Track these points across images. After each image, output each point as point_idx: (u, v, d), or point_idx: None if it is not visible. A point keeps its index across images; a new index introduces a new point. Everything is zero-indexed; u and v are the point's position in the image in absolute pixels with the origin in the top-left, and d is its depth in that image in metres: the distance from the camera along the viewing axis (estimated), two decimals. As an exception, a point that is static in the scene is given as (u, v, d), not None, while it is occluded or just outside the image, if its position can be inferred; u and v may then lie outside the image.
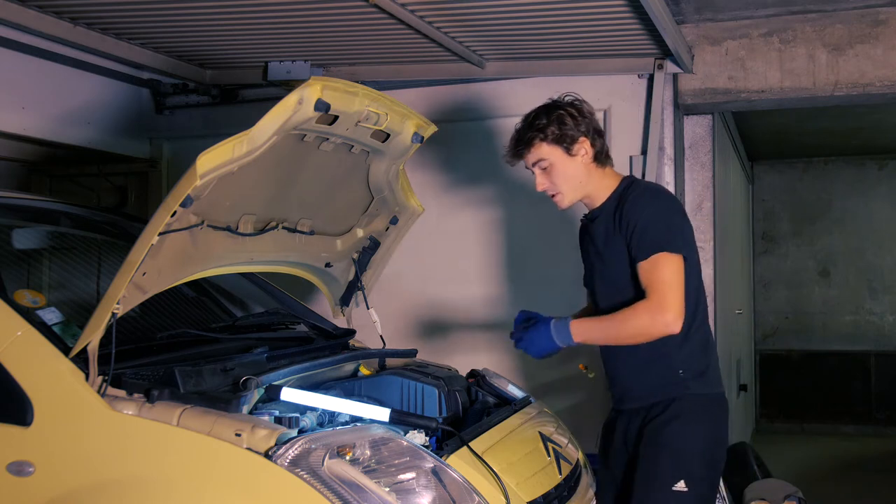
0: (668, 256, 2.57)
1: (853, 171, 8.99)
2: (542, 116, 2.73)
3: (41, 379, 2.40)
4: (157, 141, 5.56)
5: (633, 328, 2.59)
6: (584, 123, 2.73)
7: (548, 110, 2.74)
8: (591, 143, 2.74)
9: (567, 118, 2.71)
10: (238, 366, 2.76)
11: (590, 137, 2.73)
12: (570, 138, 2.71)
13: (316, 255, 3.35)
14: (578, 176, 2.75)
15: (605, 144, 2.79)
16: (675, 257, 2.57)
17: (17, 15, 3.79)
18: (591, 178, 2.77)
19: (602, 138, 2.78)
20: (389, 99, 2.83)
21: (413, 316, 4.96)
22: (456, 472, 2.33)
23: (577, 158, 2.73)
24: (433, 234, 4.93)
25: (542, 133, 2.71)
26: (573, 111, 2.73)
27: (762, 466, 5.24)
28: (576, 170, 2.74)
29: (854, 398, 8.77)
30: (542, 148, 2.73)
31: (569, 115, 2.71)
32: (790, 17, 4.46)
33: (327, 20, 3.96)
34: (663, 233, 2.59)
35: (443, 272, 4.96)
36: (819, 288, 9.08)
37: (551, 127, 2.71)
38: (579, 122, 2.72)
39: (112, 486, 2.30)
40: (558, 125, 2.70)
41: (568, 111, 2.72)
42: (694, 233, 2.78)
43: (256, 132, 2.39)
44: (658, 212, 2.63)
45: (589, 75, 4.63)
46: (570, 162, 2.73)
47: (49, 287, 3.70)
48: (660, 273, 2.56)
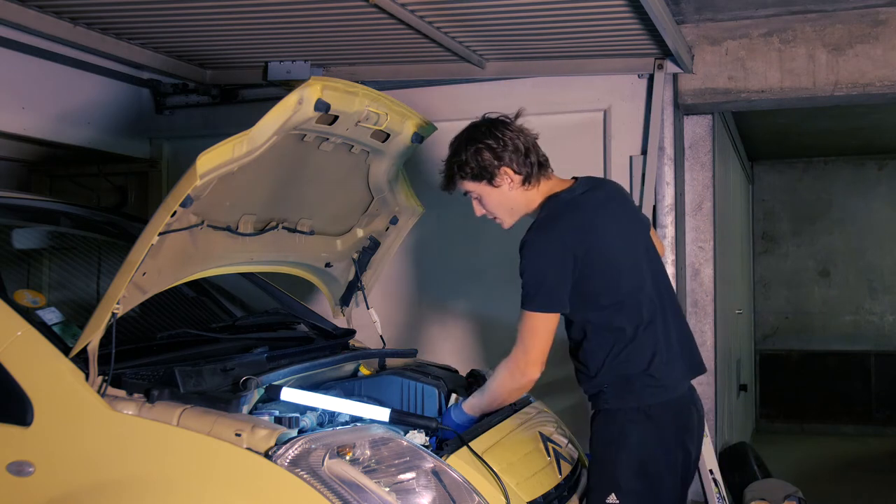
0: (533, 315, 2.57)
1: (853, 171, 8.98)
2: (461, 152, 2.67)
3: (41, 379, 2.40)
4: (157, 141, 5.56)
5: (502, 387, 2.69)
6: (506, 151, 2.64)
7: (467, 143, 2.66)
8: (516, 170, 2.66)
9: (485, 151, 2.63)
10: (238, 366, 2.76)
11: (513, 165, 2.65)
12: (489, 173, 2.65)
13: (316, 255, 3.35)
14: (510, 202, 2.72)
15: (533, 163, 2.68)
16: (541, 316, 2.57)
17: (17, 15, 3.79)
18: (524, 199, 2.72)
19: (529, 158, 2.67)
20: (389, 99, 2.83)
21: (413, 316, 4.96)
22: (456, 472, 2.33)
23: (503, 188, 2.68)
24: (433, 234, 4.93)
25: (462, 171, 2.68)
26: (491, 142, 2.64)
27: (762, 466, 5.25)
28: (506, 197, 2.71)
29: (854, 398, 8.76)
30: (465, 184, 2.71)
31: (486, 149, 2.63)
32: (790, 17, 4.46)
33: (327, 20, 3.96)
34: (535, 289, 2.56)
35: (443, 272, 4.96)
36: (819, 288, 9.08)
37: (470, 164, 2.65)
38: (499, 152, 2.64)
39: (112, 486, 2.30)
40: (476, 161, 2.64)
41: (486, 143, 2.64)
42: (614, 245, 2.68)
43: (256, 132, 2.39)
44: (531, 263, 2.58)
45: (589, 75, 4.63)
46: (497, 192, 2.70)
47: (49, 287, 3.70)
48: (525, 324, 2.59)
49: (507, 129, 2.68)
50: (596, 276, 2.61)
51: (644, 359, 2.65)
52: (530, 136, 2.71)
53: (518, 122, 2.72)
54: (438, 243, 4.98)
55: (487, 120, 2.71)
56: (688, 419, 2.74)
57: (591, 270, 2.59)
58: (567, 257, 2.57)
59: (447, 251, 4.99)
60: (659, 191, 4.58)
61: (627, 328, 2.65)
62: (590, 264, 2.59)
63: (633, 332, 2.65)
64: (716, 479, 4.74)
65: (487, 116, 2.73)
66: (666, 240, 4.60)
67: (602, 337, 2.64)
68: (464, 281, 4.90)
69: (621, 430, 2.63)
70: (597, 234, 2.64)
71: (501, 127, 2.68)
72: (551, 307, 2.57)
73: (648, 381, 2.64)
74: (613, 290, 2.65)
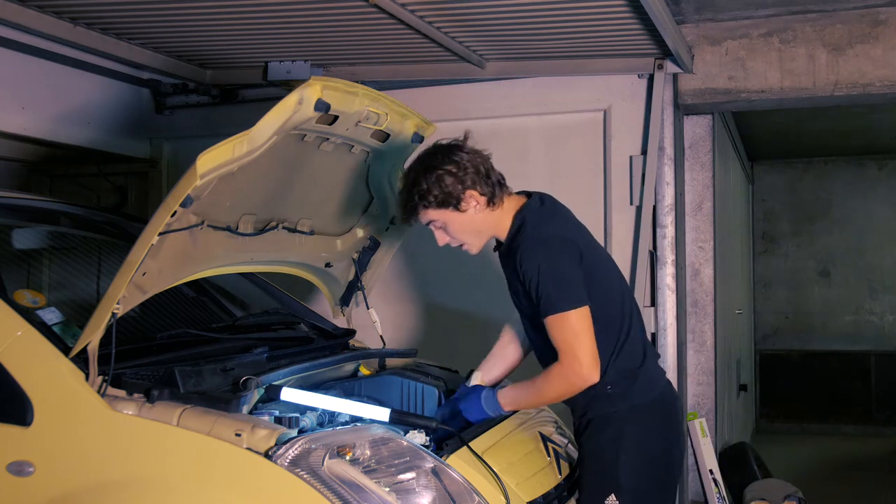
0: (566, 315, 2.51)
1: (853, 171, 8.98)
2: (421, 181, 2.58)
3: (41, 379, 2.40)
4: (157, 141, 5.56)
5: (555, 392, 2.60)
6: (468, 175, 2.58)
7: (426, 171, 2.58)
8: (481, 191, 2.60)
9: (446, 177, 2.56)
10: (238, 366, 2.76)
11: (477, 187, 2.59)
12: (455, 198, 2.58)
13: (316, 255, 3.35)
14: (477, 225, 2.66)
15: (494, 183, 2.63)
16: (573, 312, 2.51)
17: (17, 15, 3.79)
18: (490, 220, 2.66)
19: (490, 178, 2.62)
20: (389, 99, 2.83)
21: (413, 316, 4.96)
22: (456, 472, 2.33)
23: (469, 212, 2.62)
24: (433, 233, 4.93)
25: (425, 200, 2.59)
26: (451, 167, 2.57)
27: (762, 466, 5.25)
28: (472, 221, 2.64)
29: (854, 398, 8.76)
30: (429, 213, 2.63)
31: (447, 174, 2.56)
32: (790, 17, 4.46)
33: (327, 20, 3.96)
34: (556, 289, 2.50)
35: (443, 272, 4.96)
36: (819, 288, 9.08)
37: (433, 192, 2.57)
38: (461, 176, 2.57)
39: (112, 486, 2.30)
40: (439, 187, 2.57)
41: (446, 169, 2.57)
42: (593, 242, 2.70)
43: (256, 132, 2.39)
44: (545, 266, 2.51)
45: (589, 75, 4.63)
46: (464, 217, 2.62)
47: (49, 287, 3.70)
48: (563, 330, 2.51)
49: (463, 151, 2.62)
50: (596, 270, 2.63)
51: (639, 354, 2.69)
52: (486, 157, 2.67)
53: (469, 144, 2.66)
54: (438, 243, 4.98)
55: (439, 146, 2.65)
56: (675, 411, 2.79)
57: (593, 264, 2.61)
58: (574, 252, 2.57)
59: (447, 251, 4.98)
60: (659, 191, 4.58)
61: (624, 323, 2.68)
62: (589, 259, 2.61)
63: (628, 326, 2.69)
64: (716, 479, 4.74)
65: (437, 143, 2.66)
66: (666, 240, 4.60)
67: (607, 335, 2.63)
68: (464, 281, 4.89)
69: (618, 432, 2.63)
70: (581, 232, 2.69)
71: (457, 151, 2.61)
72: (581, 301, 2.52)
73: (643, 378, 2.67)
74: (612, 284, 2.68)
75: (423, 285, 4.98)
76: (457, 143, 2.65)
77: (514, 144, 4.75)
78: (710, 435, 4.87)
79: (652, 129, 4.52)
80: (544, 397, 2.66)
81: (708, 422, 4.89)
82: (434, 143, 2.68)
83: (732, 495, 4.88)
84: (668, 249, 4.59)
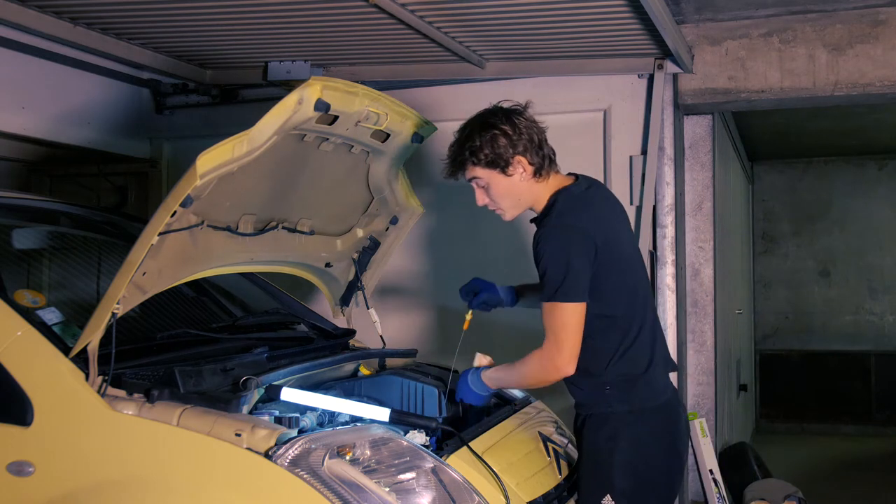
0: (562, 306, 2.50)
1: (853, 171, 8.98)
2: (475, 136, 2.58)
3: (41, 379, 2.40)
4: (157, 141, 5.56)
5: (531, 376, 2.63)
6: (521, 140, 2.58)
7: (482, 128, 2.58)
8: (529, 161, 2.60)
9: (501, 138, 2.56)
10: (238, 366, 2.76)
11: (527, 154, 2.59)
12: (504, 161, 2.58)
13: (316, 255, 3.35)
14: (518, 193, 2.65)
15: (545, 155, 2.63)
16: (568, 305, 2.51)
17: (17, 15, 3.79)
18: (532, 191, 2.66)
19: (542, 150, 2.62)
20: (389, 99, 2.83)
21: (413, 316, 4.96)
22: (456, 472, 2.33)
23: (514, 177, 2.61)
24: (433, 233, 4.93)
25: (475, 157, 2.59)
26: (507, 128, 2.57)
27: (762, 466, 5.25)
28: (515, 188, 2.63)
29: (854, 398, 8.76)
30: (475, 171, 2.62)
31: (502, 135, 2.56)
32: (790, 17, 4.46)
33: (327, 20, 3.96)
34: (560, 280, 2.49)
35: (443, 272, 4.96)
36: (819, 288, 9.08)
37: (484, 150, 2.57)
38: (515, 140, 2.57)
39: (112, 486, 2.30)
40: (491, 147, 2.56)
41: (502, 129, 2.57)
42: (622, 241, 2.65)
43: (256, 132, 2.39)
44: (557, 253, 2.51)
45: (589, 75, 4.63)
46: (508, 181, 2.62)
47: (49, 287, 3.70)
48: (554, 319, 2.52)
49: (522, 117, 2.63)
50: (613, 269, 2.59)
51: (644, 361, 2.65)
52: (542, 129, 2.67)
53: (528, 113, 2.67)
54: (438, 243, 4.98)
55: (500, 107, 2.65)
56: (677, 421, 2.74)
57: (609, 263, 2.57)
58: (589, 247, 2.53)
59: (447, 251, 4.99)
60: (659, 191, 4.58)
61: (633, 327, 2.64)
62: (608, 257, 2.56)
63: (637, 331, 2.65)
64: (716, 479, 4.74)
65: (499, 104, 2.66)
66: (666, 240, 4.60)
67: (610, 335, 2.62)
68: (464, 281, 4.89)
69: (615, 433, 2.62)
70: (610, 228, 2.63)
71: (517, 115, 2.62)
72: (579, 297, 2.51)
73: (644, 385, 2.64)
74: (625, 287, 2.64)
75: (423, 285, 4.98)
76: (518, 108, 2.65)
77: (514, 144, 4.75)
78: (710, 435, 4.87)
79: (652, 129, 4.52)
80: (522, 380, 2.70)
81: (708, 422, 4.89)
82: (495, 104, 2.67)
83: (732, 495, 4.88)
84: (668, 249, 4.59)
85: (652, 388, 2.66)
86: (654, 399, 2.66)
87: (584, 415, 2.72)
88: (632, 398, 2.63)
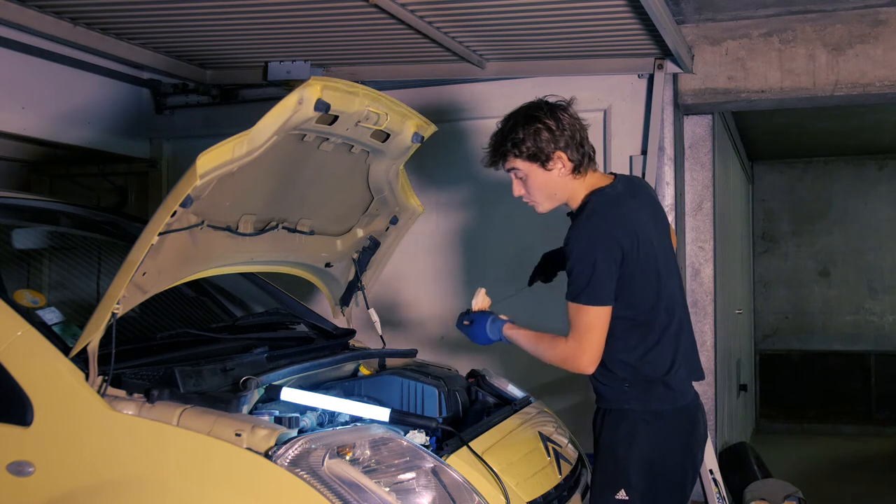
0: (586, 308, 2.54)
1: (853, 171, 8.98)
2: (519, 129, 2.61)
3: (41, 379, 2.40)
4: (157, 141, 5.56)
5: (552, 358, 2.67)
6: (563, 136, 2.60)
7: (526, 121, 2.61)
8: (569, 157, 2.62)
9: (544, 132, 2.59)
10: (238, 366, 2.76)
11: (568, 151, 2.61)
12: (545, 155, 2.60)
13: (316, 255, 3.35)
14: (555, 188, 2.67)
15: (585, 153, 2.65)
16: (594, 309, 2.54)
17: (17, 15, 3.79)
18: (568, 187, 2.68)
19: (583, 147, 2.64)
20: (389, 99, 2.83)
21: (413, 316, 4.96)
22: (456, 472, 2.33)
23: (553, 172, 2.64)
24: (433, 233, 4.93)
25: (517, 149, 2.62)
26: (551, 123, 2.60)
27: (762, 466, 5.24)
28: (552, 182, 2.66)
29: (854, 398, 8.76)
30: (516, 162, 2.66)
31: (546, 129, 2.59)
32: (790, 17, 4.46)
33: (327, 20, 3.96)
34: (586, 282, 2.52)
35: (443, 272, 4.96)
36: (819, 288, 9.08)
37: (527, 143, 2.60)
38: (557, 135, 2.60)
39: (112, 486, 2.30)
40: (534, 140, 2.59)
41: (546, 124, 2.59)
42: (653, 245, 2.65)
43: (256, 132, 2.39)
44: (585, 255, 2.53)
45: (589, 75, 4.63)
46: (547, 175, 2.64)
47: (49, 287, 3.70)
48: (579, 320, 2.55)
49: (566, 112, 2.65)
50: (638, 273, 2.59)
51: (664, 365, 2.65)
52: (584, 126, 2.69)
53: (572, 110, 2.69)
54: (439, 243, 4.98)
55: (545, 101, 2.67)
56: (695, 425, 2.75)
57: (634, 267, 2.57)
58: (616, 251, 2.54)
59: (447, 251, 4.99)
60: (659, 191, 4.58)
61: (655, 331, 2.64)
62: (634, 261, 2.57)
63: (658, 336, 2.64)
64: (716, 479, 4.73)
65: (544, 98, 2.69)
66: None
67: (630, 336, 2.62)
68: (464, 281, 4.90)
69: (633, 429, 2.63)
70: (642, 232, 2.63)
71: (561, 111, 2.64)
72: (603, 300, 2.54)
73: (664, 388, 2.65)
74: (650, 291, 2.63)
75: (423, 285, 4.98)
76: (562, 104, 2.67)
77: (514, 144, 4.75)
78: (710, 435, 4.87)
79: (652, 129, 4.52)
80: (541, 355, 2.71)
81: (708, 422, 4.88)
82: (540, 98, 2.69)
83: (732, 495, 4.88)
84: (668, 249, 4.59)
85: (671, 392, 2.66)
86: (673, 402, 2.66)
87: (603, 409, 2.72)
88: (650, 398, 2.64)
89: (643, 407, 2.63)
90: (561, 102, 2.68)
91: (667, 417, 2.64)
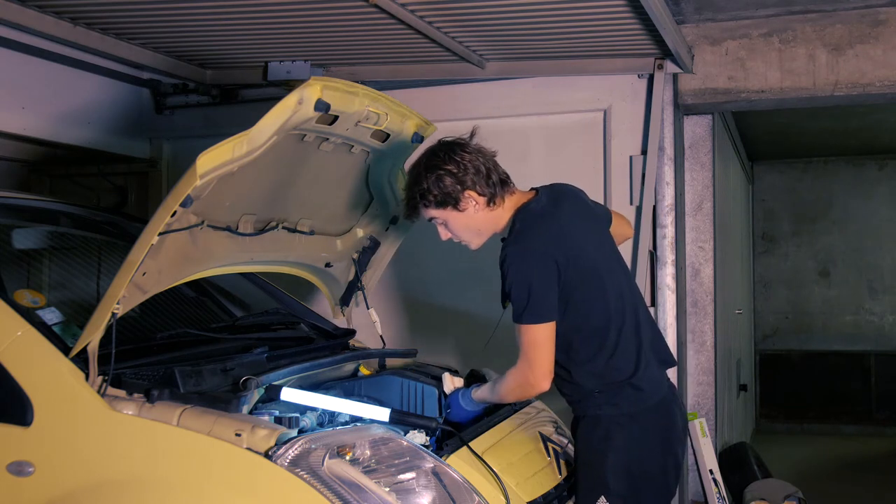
0: (528, 327, 2.54)
1: (853, 171, 8.98)
2: (422, 180, 2.63)
3: (41, 379, 2.40)
4: (157, 141, 5.56)
5: (511, 394, 2.70)
6: (468, 175, 2.61)
7: (427, 170, 2.62)
8: (480, 192, 2.63)
9: (446, 178, 2.60)
10: (238, 366, 2.76)
11: (476, 188, 2.62)
12: (454, 199, 2.62)
13: (316, 255, 3.35)
14: (477, 225, 2.69)
15: (495, 183, 2.65)
16: (536, 327, 2.54)
17: (17, 15, 3.79)
18: (490, 219, 2.69)
19: (491, 178, 2.64)
20: (389, 99, 2.83)
21: (413, 316, 4.96)
22: (456, 472, 2.33)
23: (468, 211, 2.65)
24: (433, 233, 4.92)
25: (425, 199, 2.64)
26: (451, 167, 2.60)
27: (762, 466, 5.24)
28: (472, 220, 2.68)
29: (854, 398, 8.76)
30: (429, 211, 2.68)
31: (447, 174, 2.60)
32: (790, 17, 4.46)
33: (327, 20, 3.96)
34: (525, 302, 2.52)
35: (443, 272, 4.95)
36: (819, 288, 9.08)
37: (433, 191, 2.62)
38: (461, 176, 2.60)
39: (112, 486, 2.30)
40: (438, 188, 2.61)
41: (446, 169, 2.60)
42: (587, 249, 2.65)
43: (256, 132, 2.39)
44: (518, 276, 2.53)
45: (589, 75, 4.63)
46: (463, 216, 2.67)
47: (49, 287, 3.70)
48: (525, 339, 2.56)
49: (465, 151, 2.64)
50: (579, 283, 2.59)
51: (629, 366, 2.64)
52: (489, 156, 2.68)
53: (474, 142, 2.68)
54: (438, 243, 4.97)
55: (444, 144, 2.67)
56: (672, 421, 2.73)
57: (574, 278, 2.57)
58: (550, 265, 2.55)
59: (447, 251, 4.98)
60: (659, 191, 4.58)
61: (612, 334, 2.64)
62: (572, 272, 2.57)
63: (616, 337, 2.64)
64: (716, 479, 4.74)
65: (443, 140, 2.69)
66: (666, 240, 4.59)
67: (590, 345, 2.63)
68: (464, 281, 4.89)
69: (607, 434, 2.62)
70: (574, 242, 2.62)
71: (459, 150, 2.64)
72: (545, 317, 2.54)
73: (632, 390, 2.64)
74: (596, 295, 2.63)
75: (423, 285, 4.98)
76: (460, 142, 2.67)
77: (514, 144, 4.75)
78: (710, 435, 4.87)
79: (652, 129, 4.52)
80: (504, 397, 2.74)
81: (708, 422, 4.89)
82: (439, 140, 2.70)
83: (732, 495, 4.88)
84: (668, 249, 4.59)
85: (641, 392, 2.65)
86: (645, 401, 2.65)
87: (577, 416, 2.74)
88: (620, 402, 2.63)
89: (615, 411, 2.63)
90: (459, 140, 2.67)
91: (640, 419, 2.63)
